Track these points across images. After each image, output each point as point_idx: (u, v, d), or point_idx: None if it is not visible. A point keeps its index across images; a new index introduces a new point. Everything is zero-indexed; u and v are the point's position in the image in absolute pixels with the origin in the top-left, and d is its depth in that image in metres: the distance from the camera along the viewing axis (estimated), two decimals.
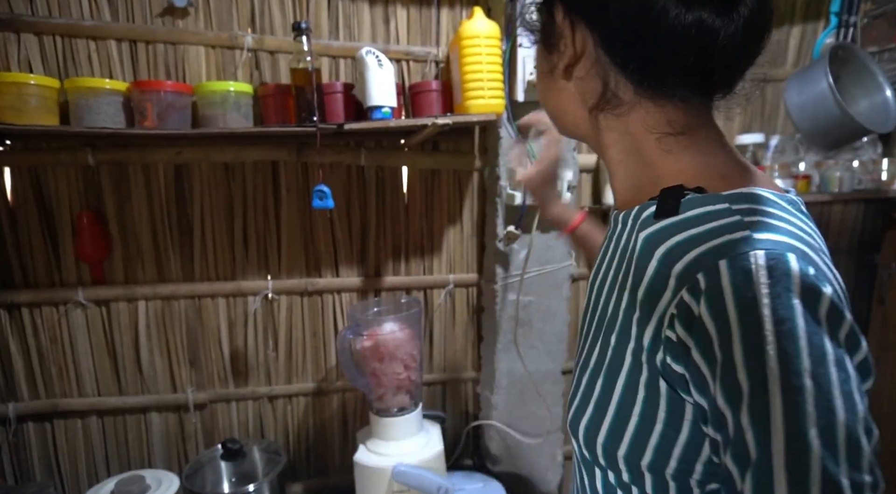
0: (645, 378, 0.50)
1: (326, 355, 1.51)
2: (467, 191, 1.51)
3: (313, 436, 1.54)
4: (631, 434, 0.52)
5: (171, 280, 1.37)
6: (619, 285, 0.55)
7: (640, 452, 0.52)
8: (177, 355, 1.41)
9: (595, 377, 0.56)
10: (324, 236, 1.44)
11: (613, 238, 0.59)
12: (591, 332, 0.59)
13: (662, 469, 0.51)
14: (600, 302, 0.58)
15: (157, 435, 1.43)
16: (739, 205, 0.48)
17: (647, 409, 0.51)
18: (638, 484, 0.54)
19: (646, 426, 0.51)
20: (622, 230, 0.57)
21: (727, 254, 0.44)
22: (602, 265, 0.61)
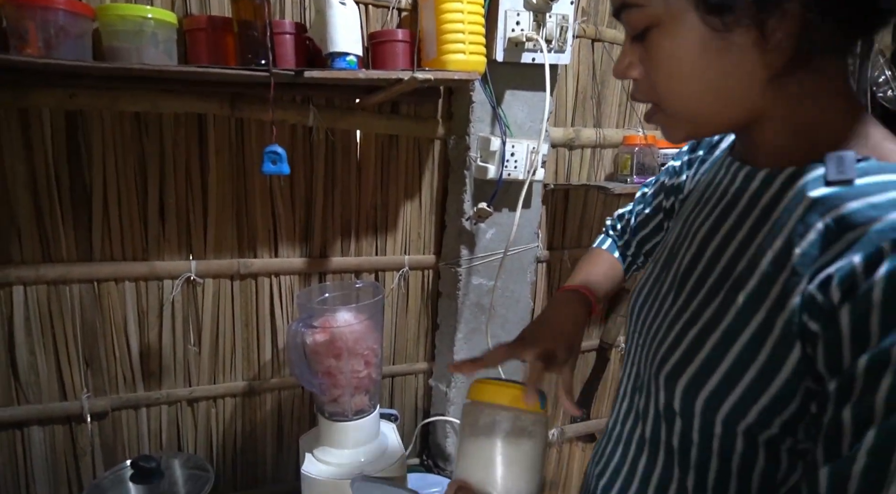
0: (776, 337, 0.50)
1: (260, 349, 1.28)
2: (427, 162, 1.33)
3: (242, 444, 1.31)
4: (739, 394, 0.53)
5: (61, 260, 1.07)
6: (758, 244, 0.54)
7: (744, 413, 0.53)
8: (67, 354, 1.11)
9: (708, 332, 0.56)
10: (261, 209, 1.20)
11: (745, 195, 0.58)
12: (699, 286, 0.59)
13: (758, 434, 0.53)
14: (720, 258, 0.58)
15: (37, 456, 1.13)
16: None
17: (766, 372, 0.51)
18: (725, 444, 0.56)
19: (759, 388, 0.52)
20: (764, 189, 0.56)
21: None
22: (722, 221, 0.60)
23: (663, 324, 0.62)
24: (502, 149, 1.21)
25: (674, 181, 0.80)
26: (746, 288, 0.54)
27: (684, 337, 0.58)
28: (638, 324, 0.69)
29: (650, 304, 0.67)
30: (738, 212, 0.58)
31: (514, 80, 1.24)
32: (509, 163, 1.23)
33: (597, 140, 1.48)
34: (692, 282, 0.60)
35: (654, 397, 0.63)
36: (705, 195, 0.65)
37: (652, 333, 0.64)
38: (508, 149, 1.22)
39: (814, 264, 0.48)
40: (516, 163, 1.24)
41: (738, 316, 0.53)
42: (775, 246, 0.52)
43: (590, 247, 0.96)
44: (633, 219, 0.91)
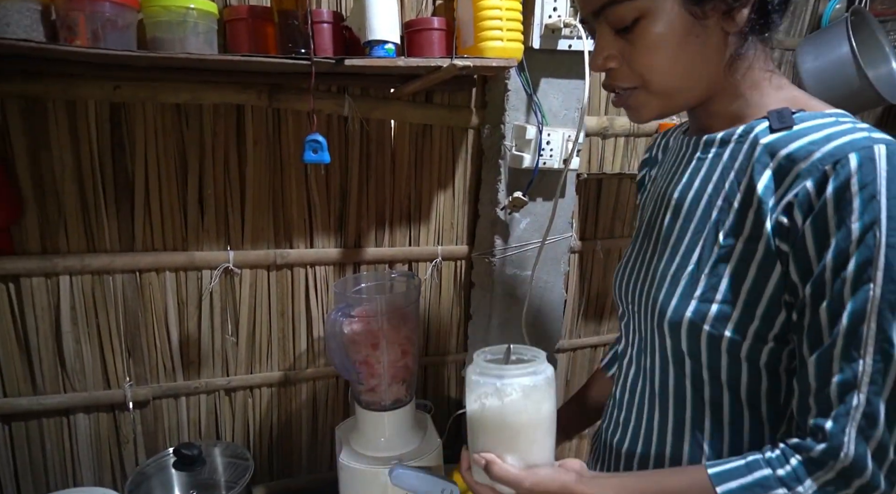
0: (758, 260, 0.60)
1: (296, 339, 1.29)
2: (461, 152, 1.33)
3: (278, 433, 1.32)
4: (736, 319, 0.62)
5: (105, 250, 1.09)
6: (727, 190, 0.65)
7: (742, 336, 0.62)
8: (111, 343, 1.13)
9: (698, 273, 0.65)
10: (297, 199, 1.21)
11: (709, 156, 0.69)
12: (681, 240, 0.68)
13: (758, 357, 0.62)
14: (696, 211, 0.68)
15: (83, 443, 1.15)
16: (844, 118, 0.59)
17: (755, 293, 0.61)
18: (732, 374, 0.65)
19: (751, 309, 0.61)
20: (723, 146, 0.67)
21: (854, 149, 0.54)
22: (692, 182, 0.70)
23: (654, 282, 0.70)
24: (538, 138, 1.20)
25: (640, 175, 0.91)
26: (725, 227, 0.63)
27: (678, 284, 0.66)
28: (630, 296, 0.76)
29: (637, 274, 0.76)
30: (705, 170, 0.68)
31: (549, 68, 1.23)
32: (545, 152, 1.22)
33: (631, 128, 1.46)
34: (674, 239, 0.70)
35: (661, 349, 0.70)
36: (671, 171, 0.75)
37: (645, 296, 0.72)
38: (544, 138, 1.21)
39: (774, 194, 0.59)
40: (552, 152, 1.23)
41: (722, 251, 0.63)
42: (742, 187, 0.63)
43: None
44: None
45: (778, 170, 0.59)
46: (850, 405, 0.54)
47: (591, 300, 1.57)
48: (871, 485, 0.54)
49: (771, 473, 0.57)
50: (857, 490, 0.54)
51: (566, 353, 1.58)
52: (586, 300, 1.57)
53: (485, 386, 0.71)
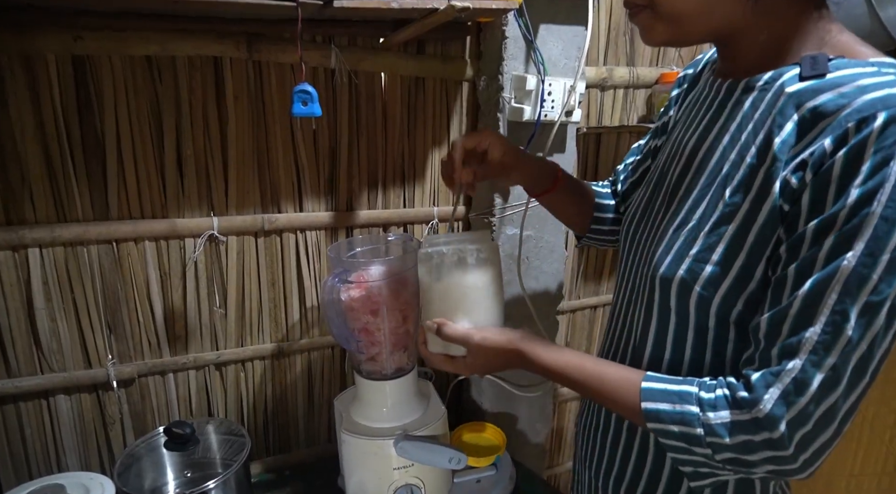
0: (760, 224, 0.57)
1: (288, 308, 1.22)
2: (456, 106, 1.26)
3: (273, 407, 1.27)
4: (729, 283, 0.60)
5: (76, 219, 1.00)
6: (742, 143, 0.61)
7: (734, 301, 0.60)
8: (89, 319, 1.06)
9: (698, 229, 0.62)
10: (283, 160, 1.13)
11: (729, 104, 0.64)
12: (689, 193, 0.65)
13: (747, 321, 0.60)
14: (708, 164, 0.64)
15: (65, 426, 1.08)
16: (890, 69, 0.53)
17: (752, 258, 0.58)
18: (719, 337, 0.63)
19: (746, 275, 0.59)
20: (745, 94, 0.62)
21: (886, 106, 0.49)
22: (708, 131, 0.66)
23: (656, 235, 0.69)
24: (539, 88, 1.13)
25: (663, 120, 0.85)
26: (732, 183, 0.60)
27: (677, 239, 0.64)
28: (632, 244, 0.75)
29: (644, 224, 0.74)
30: (723, 120, 0.64)
31: (548, 13, 1.15)
32: (546, 104, 1.15)
33: (630, 79, 1.39)
34: (682, 191, 0.67)
35: (648, 302, 0.69)
36: (691, 115, 0.71)
37: (644, 245, 0.71)
38: (545, 88, 1.14)
39: (791, 151, 0.55)
40: (553, 104, 1.16)
41: (726, 210, 0.60)
42: (758, 140, 0.59)
43: None
44: (623, 168, 0.96)
45: (801, 124, 0.55)
46: (783, 367, 0.53)
47: (590, 259, 1.53)
48: (777, 443, 0.54)
49: (695, 392, 0.59)
50: (764, 441, 0.55)
51: (566, 315, 1.54)
52: (585, 259, 1.52)
53: (433, 256, 0.78)
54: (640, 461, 0.75)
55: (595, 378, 0.67)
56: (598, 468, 0.82)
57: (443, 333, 0.77)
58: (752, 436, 0.55)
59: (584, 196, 0.97)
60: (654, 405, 0.60)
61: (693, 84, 0.79)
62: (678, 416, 0.59)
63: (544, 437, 1.49)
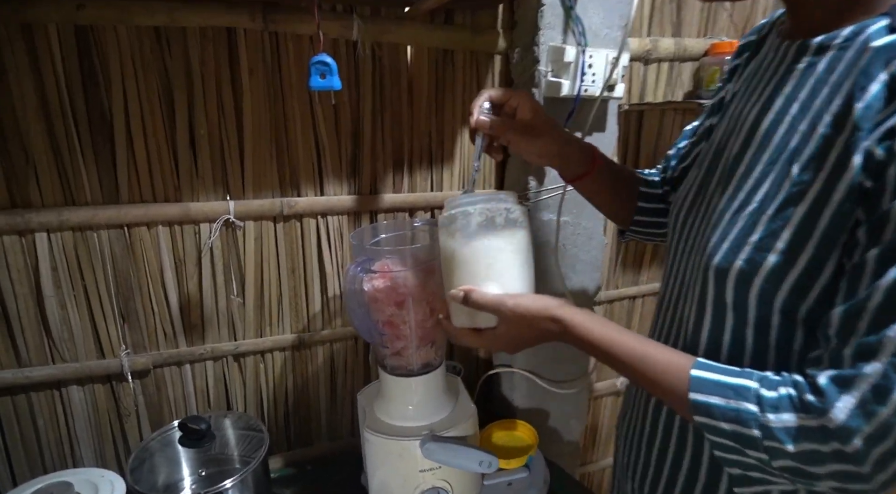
0: (834, 206, 0.49)
1: (309, 297, 1.15)
2: (487, 81, 1.16)
3: (294, 400, 1.21)
4: (797, 274, 0.51)
5: (85, 202, 0.95)
6: (815, 111, 0.53)
7: (804, 295, 0.52)
8: (101, 308, 1.01)
9: (760, 213, 0.54)
10: (303, 139, 1.05)
11: (799, 66, 0.56)
12: (749, 172, 0.57)
13: (817, 321, 0.51)
14: (772, 138, 0.56)
15: (79, 418, 1.04)
16: None
17: (824, 246, 0.50)
18: (783, 335, 0.55)
19: (818, 264, 0.51)
20: (820, 54, 0.54)
21: None
22: (773, 100, 0.58)
23: (710, 221, 0.60)
24: (580, 60, 1.03)
25: (719, 96, 0.75)
26: (802, 158, 0.52)
27: (734, 225, 0.56)
28: (683, 231, 0.68)
29: (696, 209, 0.66)
30: (792, 87, 0.56)
31: None
32: (587, 77, 1.05)
33: (676, 51, 1.28)
34: (741, 171, 0.59)
35: (701, 296, 0.61)
36: (751, 85, 0.63)
37: (697, 233, 0.64)
38: (586, 60, 1.04)
39: (877, 116, 0.47)
40: (594, 77, 1.06)
41: (794, 189, 0.52)
42: (833, 107, 0.50)
43: None
44: (674, 153, 0.86)
45: (891, 85, 0.46)
46: (859, 370, 0.45)
47: (629, 247, 1.43)
48: (851, 458, 0.46)
49: (754, 388, 0.51)
50: (834, 453, 0.47)
51: (602, 306, 1.45)
52: (625, 247, 1.42)
53: (457, 218, 0.69)
54: (692, 474, 0.66)
55: (638, 358, 0.59)
56: (643, 479, 0.74)
57: (471, 300, 0.68)
58: (820, 446, 0.47)
59: (627, 183, 0.88)
60: (705, 397, 0.53)
61: (755, 52, 0.69)
62: (732, 413, 0.51)
63: (578, 434, 1.41)
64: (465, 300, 0.69)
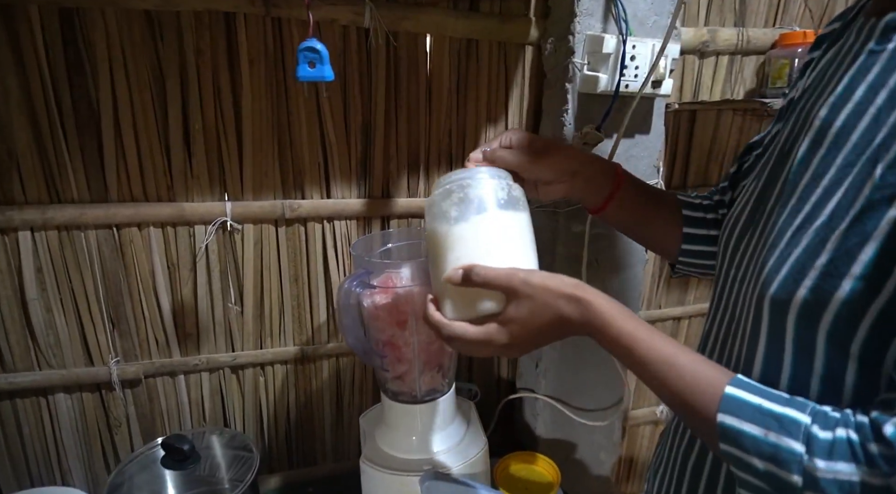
0: None
1: (313, 308, 1.07)
2: (516, 75, 1.04)
3: (296, 416, 1.12)
4: (883, 304, 0.39)
5: (71, 200, 0.89)
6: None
7: (893, 329, 0.40)
8: (89, 312, 0.94)
9: (829, 229, 0.43)
10: (308, 136, 0.96)
11: (886, 51, 0.44)
12: (817, 180, 0.46)
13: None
14: (849, 136, 0.45)
15: (66, 427, 0.98)
16: None
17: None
18: (864, 377, 0.42)
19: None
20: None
21: None
22: (852, 91, 0.46)
23: (767, 239, 0.49)
24: (620, 51, 0.90)
25: (790, 97, 0.61)
26: (888, 155, 0.41)
27: (796, 245, 0.45)
28: (735, 256, 0.56)
29: (752, 228, 0.54)
30: (877, 72, 0.45)
31: None
32: (628, 71, 0.92)
33: (738, 43, 1.12)
34: (807, 178, 0.47)
35: (753, 332, 0.50)
36: (826, 75, 0.52)
37: (752, 257, 0.52)
38: (628, 51, 0.90)
39: None
40: (636, 71, 0.92)
41: (877, 196, 0.41)
42: None
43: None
44: (735, 168, 0.72)
45: None
46: None
47: None
48: None
49: (805, 423, 0.41)
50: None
51: None
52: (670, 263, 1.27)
53: (452, 192, 0.61)
54: None
55: (665, 361, 0.49)
56: None
57: (474, 275, 0.57)
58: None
59: (665, 206, 0.76)
60: (737, 422, 0.43)
61: (835, 42, 0.56)
62: (769, 449, 0.41)
63: (610, 468, 1.27)
64: (465, 279, 0.57)
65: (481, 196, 0.60)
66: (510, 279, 0.55)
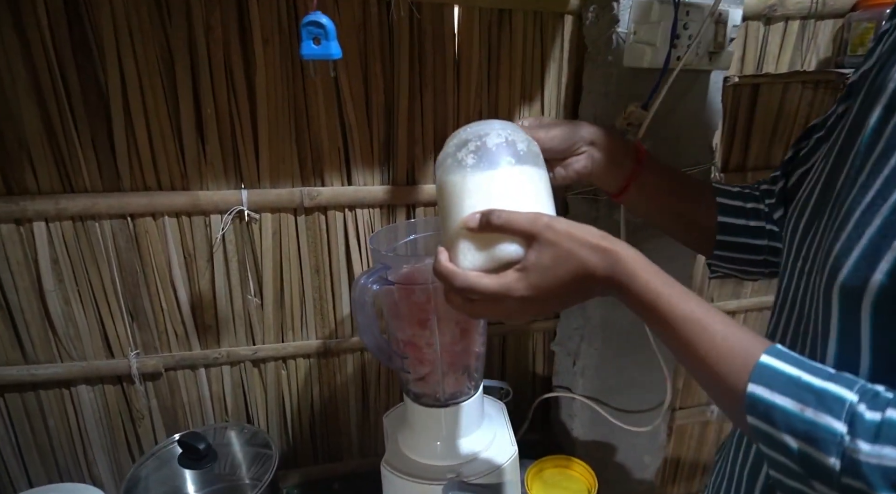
0: None
1: (336, 300, 1.02)
2: (553, 49, 0.95)
3: (321, 410, 1.09)
4: None
5: (84, 189, 0.86)
6: None
7: None
8: (107, 304, 0.92)
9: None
10: (327, 120, 0.90)
11: None
12: (892, 146, 0.40)
13: None
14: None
15: (89, 418, 0.97)
16: None
17: None
18: None
19: None
20: None
21: None
22: None
23: (835, 222, 0.43)
24: (672, 18, 0.79)
25: (861, 70, 0.51)
26: None
27: (868, 225, 0.39)
28: (802, 247, 0.50)
29: (819, 214, 0.48)
30: None
31: None
32: (680, 41, 0.81)
33: (812, 5, 0.99)
34: (879, 150, 0.41)
35: (824, 326, 0.44)
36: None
37: (820, 244, 0.46)
38: (680, 18, 0.80)
39: None
40: (689, 41, 0.82)
41: None
42: None
43: None
44: (792, 153, 0.64)
45: None
46: None
47: None
48: None
49: (850, 400, 0.36)
50: None
51: None
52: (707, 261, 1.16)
53: (469, 141, 0.57)
54: None
55: (696, 322, 0.45)
56: None
57: (494, 218, 0.52)
58: None
59: (696, 191, 0.70)
60: (769, 394, 0.39)
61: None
62: (804, 426, 0.37)
63: (654, 472, 1.19)
64: (484, 222, 0.53)
65: (500, 144, 0.56)
66: (534, 223, 0.51)
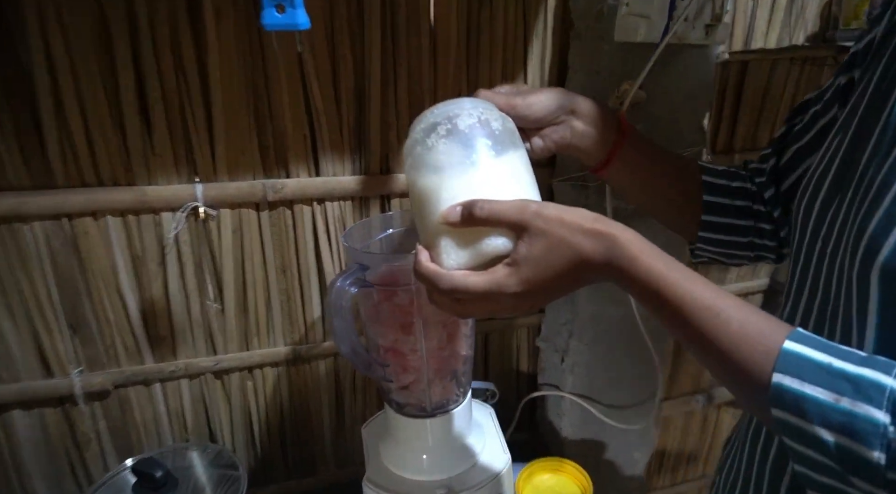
0: None
1: (305, 302, 0.93)
2: (536, 25, 0.87)
3: (291, 422, 1.00)
4: None
5: (9, 186, 0.74)
6: None
7: None
8: (43, 316, 0.81)
9: None
10: (290, 103, 0.81)
11: None
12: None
13: None
14: None
15: (26, 447, 0.86)
16: None
17: None
18: None
19: None
20: None
21: None
22: None
23: (864, 201, 0.40)
24: None
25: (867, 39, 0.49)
26: None
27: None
28: (820, 227, 0.47)
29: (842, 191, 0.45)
30: None
31: None
32: (677, 14, 0.75)
33: None
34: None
35: (860, 311, 0.40)
36: None
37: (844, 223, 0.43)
38: None
39: None
40: (686, 15, 0.76)
41: None
42: None
43: None
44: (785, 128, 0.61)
45: None
46: None
47: None
48: None
49: (891, 386, 0.33)
50: None
51: None
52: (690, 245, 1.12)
53: (438, 125, 0.51)
54: None
55: (705, 307, 0.40)
56: None
57: (478, 209, 0.47)
58: None
59: (679, 168, 0.67)
60: (798, 384, 0.35)
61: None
62: (841, 418, 0.34)
63: (643, 467, 1.15)
64: (466, 216, 0.47)
65: (473, 126, 0.51)
66: (521, 212, 0.46)
